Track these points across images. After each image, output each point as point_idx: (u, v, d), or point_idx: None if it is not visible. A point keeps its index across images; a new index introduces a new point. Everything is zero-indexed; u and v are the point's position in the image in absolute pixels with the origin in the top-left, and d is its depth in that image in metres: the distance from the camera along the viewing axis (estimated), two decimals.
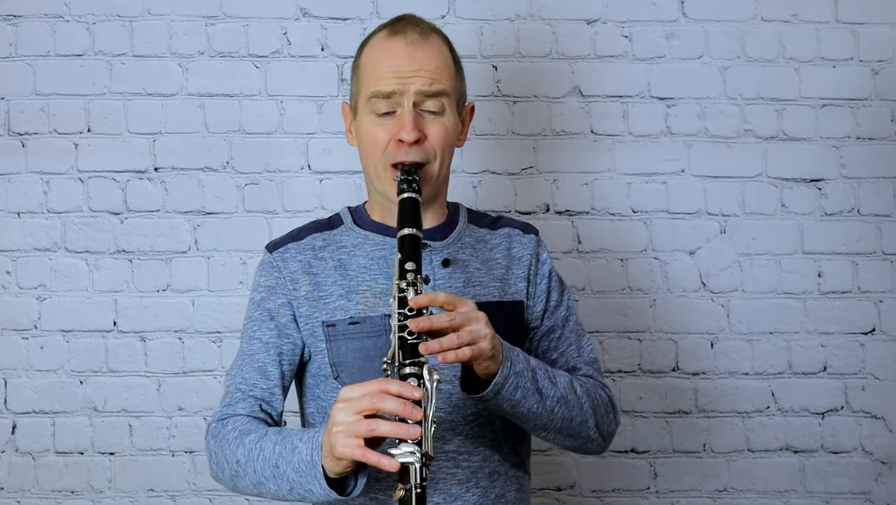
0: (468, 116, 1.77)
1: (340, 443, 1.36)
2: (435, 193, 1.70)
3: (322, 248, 1.69)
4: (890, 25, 2.46)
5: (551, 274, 1.77)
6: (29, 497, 2.36)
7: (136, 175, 2.40)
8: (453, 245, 1.70)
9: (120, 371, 2.38)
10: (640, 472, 2.42)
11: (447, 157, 1.67)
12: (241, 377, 1.66)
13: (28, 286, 2.38)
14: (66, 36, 2.40)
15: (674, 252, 2.44)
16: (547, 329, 1.74)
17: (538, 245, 1.78)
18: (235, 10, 2.42)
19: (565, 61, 2.45)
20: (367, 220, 1.74)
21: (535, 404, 1.53)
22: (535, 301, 1.73)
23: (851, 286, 2.45)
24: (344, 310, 1.63)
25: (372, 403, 1.35)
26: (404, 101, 1.61)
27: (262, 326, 1.67)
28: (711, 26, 2.46)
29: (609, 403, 1.70)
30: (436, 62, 1.63)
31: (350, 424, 1.36)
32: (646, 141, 2.45)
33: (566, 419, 1.59)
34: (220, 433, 1.59)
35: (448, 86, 1.64)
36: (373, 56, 1.66)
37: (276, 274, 1.68)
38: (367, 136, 1.65)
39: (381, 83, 1.62)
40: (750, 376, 2.44)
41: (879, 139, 2.46)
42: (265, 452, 1.49)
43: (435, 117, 1.63)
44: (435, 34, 1.68)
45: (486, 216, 1.82)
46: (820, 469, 2.43)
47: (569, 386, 1.60)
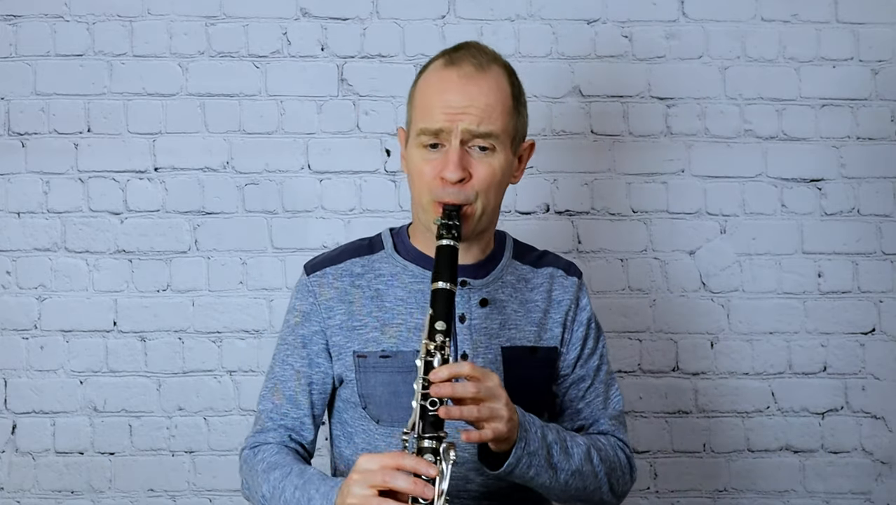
0: (526, 154, 1.70)
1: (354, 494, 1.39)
2: (480, 231, 1.64)
3: (360, 275, 1.67)
4: (890, 25, 2.46)
5: (590, 322, 1.74)
6: (29, 497, 2.36)
7: (136, 175, 2.40)
8: (493, 284, 1.67)
9: (120, 371, 2.38)
10: (640, 472, 2.41)
11: (493, 196, 1.60)
12: (272, 403, 1.67)
13: (28, 286, 2.38)
14: (66, 36, 2.40)
15: (674, 252, 2.44)
16: (578, 378, 1.72)
17: (580, 289, 1.74)
18: (235, 10, 2.42)
19: (565, 61, 2.45)
20: (409, 247, 1.69)
21: (548, 480, 1.53)
22: (568, 348, 1.71)
23: (851, 286, 2.45)
24: (377, 342, 1.62)
25: (384, 479, 1.37)
26: (451, 138, 1.54)
27: (294, 353, 1.67)
28: (711, 26, 2.46)
29: (627, 465, 1.69)
30: (487, 99, 1.55)
31: (364, 498, 1.38)
32: (646, 141, 2.45)
33: (579, 489, 1.59)
34: (250, 461, 1.63)
35: (499, 126, 1.56)
36: (426, 86, 1.60)
37: (311, 300, 1.66)
38: (415, 169, 1.60)
39: (428, 119, 1.56)
40: (750, 376, 2.44)
41: (879, 139, 2.46)
42: (286, 494, 1.52)
43: (483, 155, 1.57)
44: (495, 66, 1.60)
45: (532, 251, 1.77)
46: (820, 469, 2.43)
47: (585, 457, 1.58)
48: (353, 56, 2.42)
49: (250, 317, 2.39)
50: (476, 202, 1.58)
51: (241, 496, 2.36)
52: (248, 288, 2.40)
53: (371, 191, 2.41)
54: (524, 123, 1.66)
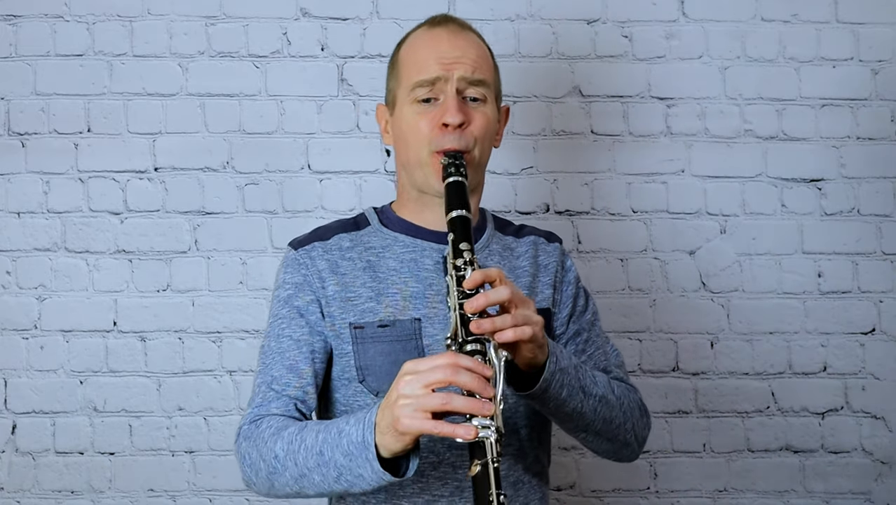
0: (504, 117, 1.75)
1: (407, 415, 1.30)
2: (473, 187, 1.65)
3: (349, 248, 1.65)
4: (890, 25, 2.46)
5: (578, 281, 1.75)
6: (29, 497, 2.36)
7: (136, 175, 2.40)
8: (482, 252, 1.68)
9: (120, 371, 2.38)
10: (640, 472, 2.42)
11: (486, 148, 1.65)
12: (271, 375, 1.58)
13: (28, 286, 2.38)
14: (66, 36, 2.40)
15: (674, 252, 2.44)
16: (574, 332, 1.72)
17: (563, 254, 1.76)
18: (235, 10, 2.42)
19: (565, 61, 2.45)
20: (395, 219, 1.69)
21: (579, 403, 1.51)
22: (560, 308, 1.71)
23: (851, 286, 2.45)
24: (373, 312, 1.59)
25: (445, 375, 1.31)
26: (447, 87, 1.59)
27: (291, 323, 1.61)
28: (711, 26, 2.46)
29: (641, 407, 1.69)
30: (477, 51, 1.63)
31: (420, 398, 1.30)
32: (646, 141, 2.45)
33: (607, 420, 1.57)
34: (253, 434, 1.51)
35: (489, 76, 1.63)
36: (414, 47, 1.65)
37: (303, 271, 1.63)
38: (409, 126, 1.62)
39: (423, 70, 1.60)
40: (750, 376, 2.44)
41: (879, 139, 2.46)
42: (307, 441, 1.43)
43: (477, 105, 1.62)
44: (473, 30, 1.69)
45: (510, 224, 1.80)
46: (820, 469, 2.43)
47: (608, 386, 1.59)
48: (353, 56, 2.42)
49: (250, 317, 2.39)
50: (474, 149, 1.61)
51: (241, 497, 2.36)
52: (248, 288, 2.40)
53: (371, 191, 2.41)
54: (500, 85, 1.72)
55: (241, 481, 2.29)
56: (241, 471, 1.54)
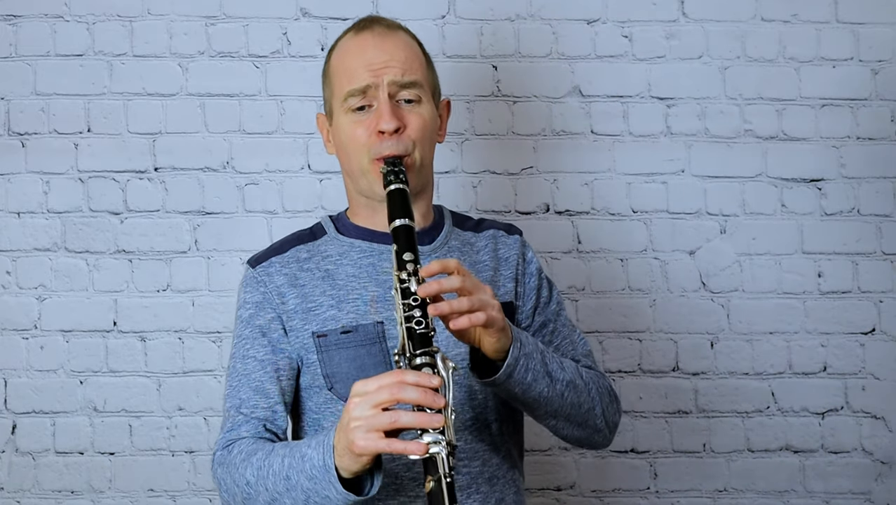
0: (445, 112, 1.75)
1: (360, 437, 1.32)
2: (420, 189, 1.66)
3: (307, 259, 1.66)
4: (890, 25, 2.46)
5: (540, 272, 1.75)
6: (29, 497, 2.36)
7: (136, 175, 2.40)
8: (440, 249, 1.69)
9: (120, 371, 2.38)
10: (640, 472, 2.42)
11: (427, 148, 1.65)
12: (239, 399, 1.60)
13: (28, 286, 2.38)
14: (66, 36, 2.40)
15: (674, 252, 2.44)
16: (539, 324, 1.72)
17: (523, 245, 1.76)
18: (235, 10, 2.42)
19: (565, 61, 2.45)
20: (350, 226, 1.70)
21: (545, 388, 1.51)
22: (524, 300, 1.72)
23: (851, 286, 2.45)
24: (335, 320, 1.60)
25: (392, 394, 1.32)
26: (379, 93, 1.60)
27: (254, 344, 1.62)
28: (711, 26, 2.46)
29: (612, 393, 1.69)
30: (405, 52, 1.63)
31: (369, 418, 1.32)
32: (646, 141, 2.45)
33: (575, 405, 1.57)
34: (226, 460, 1.54)
35: (420, 75, 1.63)
36: (341, 56, 1.66)
37: (262, 289, 1.64)
38: (346, 136, 1.63)
39: (353, 79, 1.61)
40: (750, 376, 2.44)
41: (879, 139, 2.46)
42: (274, 466, 1.45)
43: (412, 107, 1.62)
44: (401, 29, 1.69)
45: (469, 219, 1.80)
46: (820, 469, 2.43)
47: (576, 371, 1.59)
48: None
49: None
50: (414, 152, 1.62)
51: None
52: None
53: None
54: (438, 81, 1.73)
55: None
56: (219, 496, 1.57)
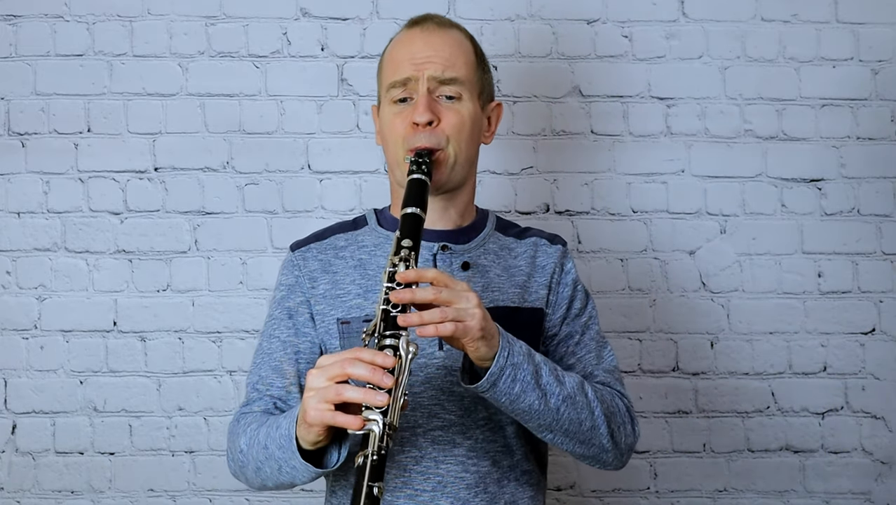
0: (495, 115, 1.76)
1: (312, 407, 1.36)
2: (455, 186, 1.67)
3: (344, 247, 1.70)
4: (890, 25, 2.46)
5: (576, 284, 1.74)
6: (29, 497, 2.36)
7: (136, 175, 2.40)
8: (475, 250, 1.69)
9: (120, 371, 2.38)
10: (640, 472, 2.42)
11: (464, 144, 1.64)
12: (257, 376, 1.67)
13: (28, 286, 2.38)
14: (66, 36, 2.40)
15: (674, 252, 2.44)
16: (565, 335, 1.71)
17: (564, 256, 1.75)
18: (235, 10, 2.42)
19: (565, 61, 2.45)
20: (389, 218, 1.74)
21: (535, 400, 1.49)
22: (554, 308, 1.71)
23: (851, 286, 2.45)
24: (360, 308, 1.63)
25: (342, 368, 1.35)
26: (419, 86, 1.63)
27: (280, 325, 1.68)
28: (711, 26, 2.46)
29: (626, 414, 1.65)
30: (451, 49, 1.65)
31: (321, 390, 1.36)
32: (646, 141, 2.45)
33: (573, 421, 1.53)
34: (232, 430, 1.61)
35: (463, 73, 1.64)
36: (391, 48, 1.71)
37: (296, 273, 1.70)
38: (387, 126, 1.67)
39: (397, 71, 1.65)
40: (750, 376, 2.44)
41: (879, 139, 2.46)
42: (259, 436, 1.51)
43: (451, 103, 1.64)
44: (456, 28, 1.71)
45: (515, 226, 1.80)
46: (820, 469, 2.43)
47: (578, 387, 1.55)
48: (353, 56, 2.42)
49: (250, 317, 2.39)
50: (448, 147, 1.63)
51: (241, 497, 2.37)
52: (248, 288, 2.40)
53: (371, 191, 2.41)
54: (490, 83, 1.74)
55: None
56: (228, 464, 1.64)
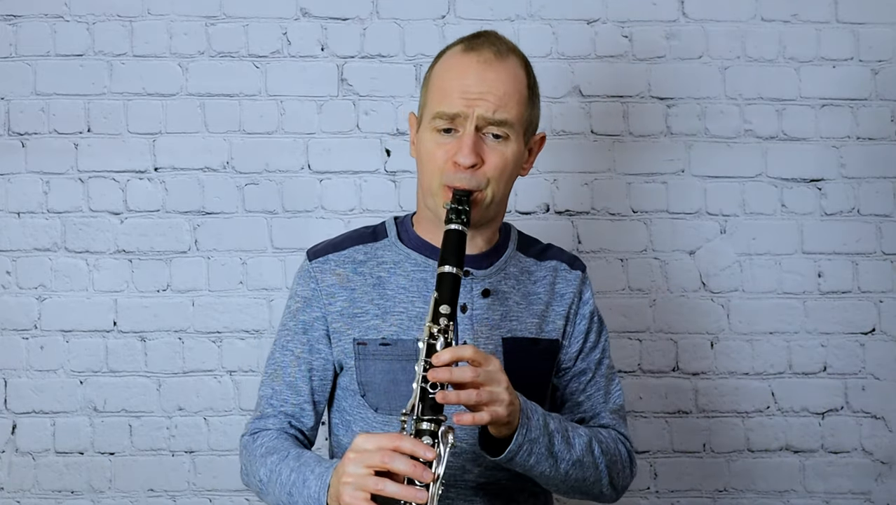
0: (537, 146, 1.71)
1: (348, 494, 1.37)
2: (488, 220, 1.65)
3: (363, 262, 1.67)
4: (890, 25, 2.46)
5: (592, 315, 1.74)
6: (29, 497, 2.36)
7: (136, 175, 2.40)
8: (496, 275, 1.67)
9: (120, 371, 2.38)
10: (640, 472, 2.42)
11: (503, 185, 1.61)
12: (271, 389, 1.67)
13: (28, 286, 2.38)
14: (66, 36, 2.40)
15: (674, 252, 2.44)
16: (579, 371, 1.71)
17: (583, 283, 1.74)
18: (235, 10, 2.42)
19: (565, 61, 2.45)
20: (412, 235, 1.69)
21: (548, 469, 1.52)
22: (570, 341, 1.71)
23: (851, 286, 2.45)
24: (377, 330, 1.62)
25: (383, 461, 1.35)
26: (466, 124, 1.55)
27: (294, 338, 1.67)
28: (711, 26, 2.46)
29: (627, 459, 1.68)
30: (505, 87, 1.57)
31: (359, 478, 1.36)
32: (646, 141, 2.45)
33: (579, 480, 1.58)
34: (249, 447, 1.62)
35: (514, 114, 1.58)
36: (443, 71, 1.61)
37: (312, 286, 1.66)
38: (426, 152, 1.60)
39: (445, 102, 1.56)
40: (750, 376, 2.44)
41: (879, 139, 2.46)
42: (282, 476, 1.52)
43: (496, 143, 1.58)
44: (513, 56, 1.62)
45: (537, 243, 1.78)
46: (820, 469, 2.43)
47: (586, 448, 1.57)
48: (353, 56, 2.42)
49: (250, 317, 2.39)
50: (486, 189, 1.59)
51: (241, 497, 2.37)
52: (248, 288, 2.40)
53: (371, 191, 2.41)
54: (537, 115, 1.68)
55: (241, 481, 2.29)
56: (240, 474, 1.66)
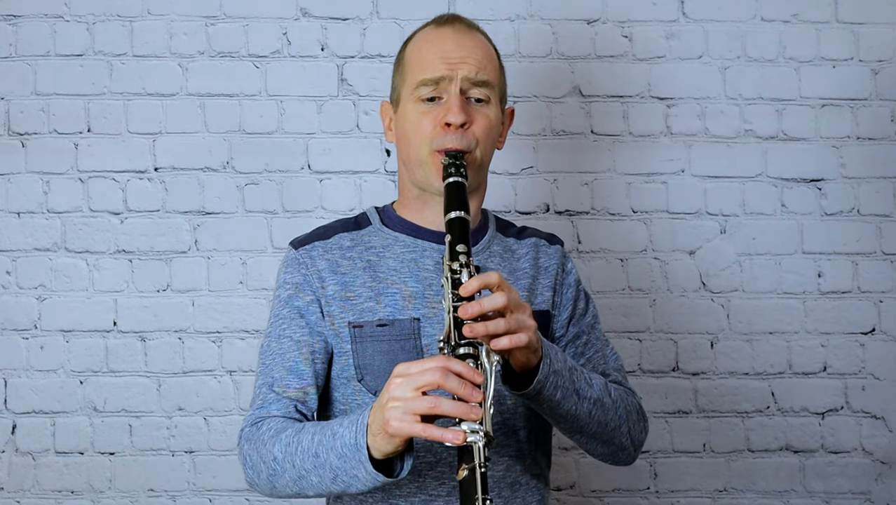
0: (508, 119, 1.75)
1: (396, 418, 1.31)
2: (474, 188, 1.65)
3: (350, 248, 1.66)
4: (890, 25, 2.46)
5: (578, 284, 1.75)
6: (29, 497, 2.36)
7: (136, 175, 2.41)
8: (482, 253, 1.68)
9: (120, 371, 2.38)
10: (640, 472, 2.42)
11: (489, 149, 1.65)
12: (272, 377, 1.60)
13: (28, 286, 2.38)
14: (66, 36, 2.40)
15: (674, 252, 2.44)
16: (573, 335, 1.72)
17: (564, 256, 1.76)
18: (235, 10, 2.42)
19: (565, 61, 2.45)
20: (396, 219, 1.70)
21: (573, 406, 1.52)
22: (560, 310, 1.72)
23: (851, 286, 2.45)
24: (372, 312, 1.60)
25: (435, 378, 1.31)
26: (451, 86, 1.59)
27: (291, 324, 1.62)
28: (711, 26, 2.46)
29: (639, 411, 1.69)
30: (482, 52, 1.63)
31: (409, 400, 1.31)
32: (646, 141, 2.45)
33: (601, 423, 1.57)
34: (254, 436, 1.54)
35: (493, 77, 1.63)
36: (419, 46, 1.66)
37: (303, 271, 1.64)
38: (411, 124, 1.62)
39: (428, 69, 1.60)
40: (750, 376, 2.44)
41: (879, 139, 2.46)
42: (303, 443, 1.45)
43: (480, 106, 1.62)
44: (480, 30, 1.69)
45: (512, 225, 1.80)
46: (820, 469, 2.43)
47: (604, 389, 1.59)
48: (353, 56, 2.42)
49: (250, 317, 2.39)
50: (476, 150, 1.62)
51: (241, 497, 2.36)
52: (248, 288, 2.40)
53: (371, 191, 2.41)
54: (506, 87, 1.73)
55: (241, 481, 2.29)
56: (244, 473, 1.56)
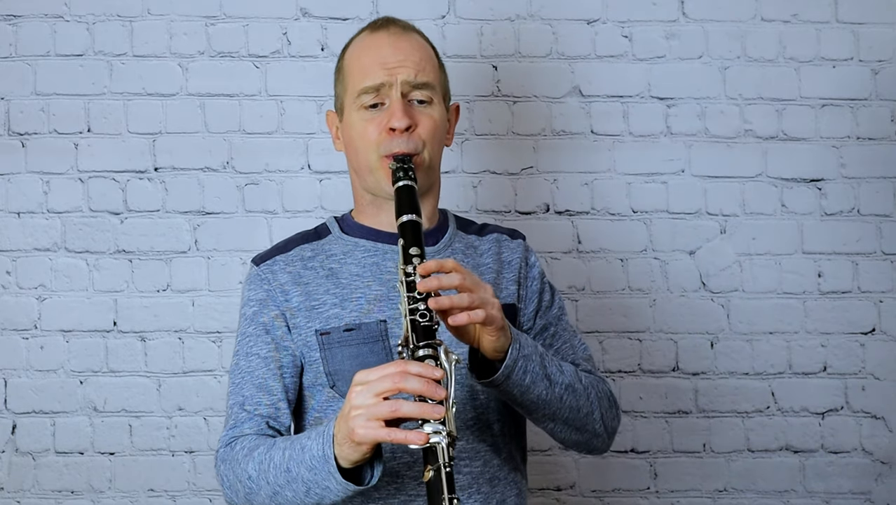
0: (454, 116, 1.77)
1: (361, 425, 1.33)
2: (426, 190, 1.67)
3: (311, 258, 1.67)
4: (890, 25, 2.46)
5: (542, 276, 1.76)
6: (29, 497, 2.36)
7: (136, 175, 2.41)
8: (444, 251, 1.70)
9: (120, 371, 2.38)
10: (640, 472, 2.42)
11: (436, 149, 1.67)
12: (242, 396, 1.61)
13: (28, 286, 2.38)
14: (66, 36, 2.40)
15: (674, 252, 2.44)
16: (541, 327, 1.73)
17: (526, 250, 1.78)
18: (235, 10, 2.42)
19: (565, 61, 2.45)
20: (355, 226, 1.72)
21: (543, 391, 1.52)
22: (526, 303, 1.73)
23: (851, 286, 2.45)
24: (338, 318, 1.61)
25: (394, 383, 1.32)
26: (392, 92, 1.61)
27: (257, 341, 1.64)
28: (711, 26, 2.46)
29: (610, 398, 1.70)
30: (419, 54, 1.65)
31: (370, 407, 1.33)
32: (646, 141, 2.45)
33: (573, 409, 1.58)
34: (228, 456, 1.55)
35: (433, 77, 1.65)
36: (357, 53, 1.68)
37: (265, 287, 1.65)
38: (357, 133, 1.64)
39: (368, 77, 1.62)
40: (750, 376, 2.44)
41: (879, 139, 2.46)
42: (275, 459, 1.46)
43: (423, 108, 1.64)
44: (415, 31, 1.71)
45: (473, 223, 1.81)
46: (820, 469, 2.43)
47: (575, 375, 1.60)
48: None
49: None
50: (423, 152, 1.63)
51: None
52: None
53: None
54: (448, 85, 1.74)
55: None
56: (223, 493, 1.58)
